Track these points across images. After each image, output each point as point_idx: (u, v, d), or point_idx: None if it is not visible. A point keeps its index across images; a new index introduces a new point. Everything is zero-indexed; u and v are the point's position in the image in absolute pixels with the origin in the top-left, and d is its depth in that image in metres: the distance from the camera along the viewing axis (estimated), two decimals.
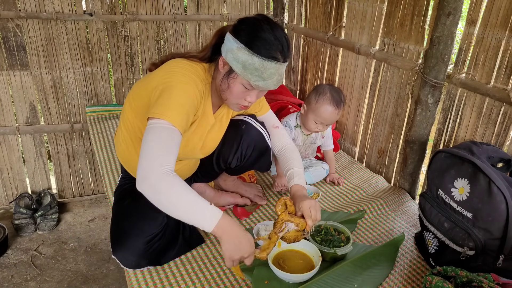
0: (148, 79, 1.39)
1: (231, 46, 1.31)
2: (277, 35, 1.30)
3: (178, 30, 2.74)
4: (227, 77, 1.35)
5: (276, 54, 1.29)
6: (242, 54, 1.28)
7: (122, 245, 1.39)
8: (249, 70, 1.28)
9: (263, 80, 1.30)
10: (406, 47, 1.93)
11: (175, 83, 1.29)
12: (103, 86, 2.69)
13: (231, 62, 1.30)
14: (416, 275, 1.48)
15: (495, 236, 1.28)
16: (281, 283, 1.36)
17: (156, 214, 1.44)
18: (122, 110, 1.55)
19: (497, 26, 1.54)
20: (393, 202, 1.90)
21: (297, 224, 1.33)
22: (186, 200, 1.17)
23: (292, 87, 2.96)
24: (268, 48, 1.28)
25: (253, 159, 1.65)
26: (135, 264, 1.40)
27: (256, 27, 1.30)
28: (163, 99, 1.25)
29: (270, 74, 1.30)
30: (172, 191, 1.16)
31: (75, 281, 2.18)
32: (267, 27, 1.30)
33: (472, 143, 1.47)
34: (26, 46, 2.42)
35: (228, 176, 1.80)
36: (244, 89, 1.35)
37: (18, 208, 2.51)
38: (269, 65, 1.28)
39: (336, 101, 1.89)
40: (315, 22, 2.56)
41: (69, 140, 2.70)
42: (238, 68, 1.30)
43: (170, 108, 1.23)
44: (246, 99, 1.38)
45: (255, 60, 1.27)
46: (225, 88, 1.36)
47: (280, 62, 1.31)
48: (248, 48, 1.27)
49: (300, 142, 2.05)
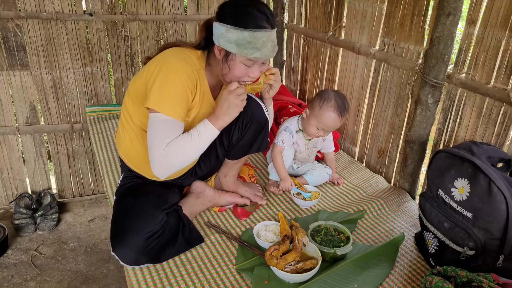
0: (145, 70, 1.47)
1: (220, 31, 1.40)
2: (258, 6, 1.39)
3: (178, 30, 2.74)
4: (225, 61, 1.43)
5: (263, 23, 1.38)
6: (232, 34, 1.37)
7: (122, 241, 1.40)
8: (243, 45, 1.37)
9: (259, 50, 1.38)
10: (406, 47, 1.93)
11: (168, 72, 1.39)
12: (103, 86, 2.69)
13: (225, 45, 1.39)
14: (416, 275, 1.48)
15: (495, 236, 1.28)
16: (281, 283, 1.36)
17: (157, 212, 1.46)
18: (122, 107, 1.61)
19: (497, 26, 1.54)
20: (393, 202, 1.90)
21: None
22: (189, 149, 1.42)
23: (292, 87, 2.96)
24: (253, 19, 1.37)
25: (252, 131, 1.63)
26: (134, 260, 1.40)
27: (237, 6, 1.39)
28: (158, 89, 1.38)
29: (263, 42, 1.38)
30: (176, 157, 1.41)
31: (75, 281, 2.18)
32: (246, 2, 1.39)
33: (472, 143, 1.47)
34: (26, 46, 2.42)
35: (228, 170, 1.78)
36: (245, 66, 1.43)
37: (18, 208, 2.51)
38: (259, 34, 1.37)
39: (340, 108, 1.86)
40: (315, 22, 2.56)
41: (69, 140, 2.70)
42: (233, 48, 1.38)
43: (165, 100, 1.37)
44: (249, 75, 1.47)
45: (245, 35, 1.36)
46: (227, 71, 1.45)
47: (268, 29, 1.39)
48: (235, 26, 1.36)
49: (302, 148, 2.02)
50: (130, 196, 1.54)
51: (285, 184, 1.90)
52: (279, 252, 1.36)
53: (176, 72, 1.40)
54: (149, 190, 1.59)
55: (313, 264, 1.37)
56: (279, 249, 1.37)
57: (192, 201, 1.69)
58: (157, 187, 1.62)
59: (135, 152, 1.59)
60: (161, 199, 1.55)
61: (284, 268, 1.34)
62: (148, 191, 1.58)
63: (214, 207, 1.78)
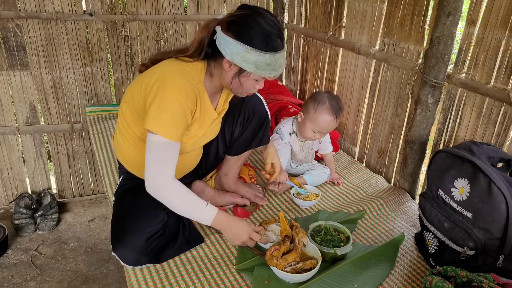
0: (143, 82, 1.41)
1: (236, 49, 1.34)
2: (271, 23, 1.36)
3: (178, 30, 2.74)
4: (237, 76, 1.42)
5: (278, 43, 1.38)
6: (251, 55, 1.34)
7: (122, 242, 1.40)
8: (261, 67, 1.37)
9: (276, 71, 1.40)
10: (406, 47, 1.93)
11: (166, 92, 1.34)
12: (103, 86, 2.69)
13: (241, 64, 1.37)
14: (416, 275, 1.48)
15: (495, 236, 1.28)
16: (281, 283, 1.36)
17: (157, 212, 1.46)
18: (119, 112, 1.57)
19: (497, 26, 1.54)
20: (393, 202, 1.90)
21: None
22: (186, 204, 1.42)
23: (292, 87, 2.96)
24: (271, 40, 1.36)
25: (253, 126, 1.67)
26: (135, 261, 1.40)
27: (253, 25, 1.35)
28: (156, 109, 1.34)
29: (281, 63, 1.40)
30: (172, 199, 1.40)
31: (75, 281, 2.18)
32: (261, 20, 1.35)
33: (472, 143, 1.47)
34: (26, 46, 2.42)
35: (229, 169, 1.78)
36: (256, 82, 1.46)
37: (18, 208, 2.51)
38: (277, 56, 1.37)
39: (335, 110, 1.86)
40: (315, 22, 2.56)
41: (69, 140, 2.70)
42: (251, 68, 1.37)
43: (163, 123, 1.34)
44: (256, 87, 1.48)
45: (266, 57, 1.35)
46: (237, 85, 1.45)
47: (283, 48, 1.40)
48: (255, 49, 1.34)
49: (297, 149, 2.03)
50: (130, 197, 1.54)
51: (281, 175, 1.86)
52: (279, 252, 1.36)
53: (175, 92, 1.35)
54: None
55: (313, 264, 1.37)
56: (280, 249, 1.37)
57: None
58: None
59: (134, 158, 1.57)
60: None
61: (284, 268, 1.34)
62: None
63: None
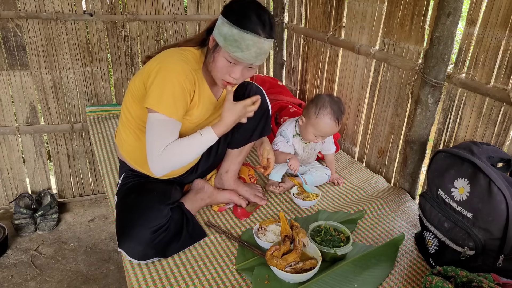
0: (144, 70, 1.48)
1: (219, 22, 1.43)
2: (260, 14, 1.40)
3: (178, 30, 2.74)
4: (213, 51, 1.45)
5: (255, 28, 1.37)
6: (224, 27, 1.39)
7: (129, 236, 1.41)
8: (229, 41, 1.37)
9: (241, 51, 1.38)
10: (406, 47, 1.93)
11: (166, 72, 1.40)
12: (103, 86, 2.69)
13: (216, 36, 1.42)
14: (416, 275, 1.48)
15: (495, 236, 1.28)
16: (281, 283, 1.36)
17: (162, 206, 1.49)
18: (122, 106, 1.62)
19: (497, 26, 1.54)
20: (393, 202, 1.90)
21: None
22: (190, 147, 1.46)
23: (292, 87, 2.96)
24: (248, 22, 1.37)
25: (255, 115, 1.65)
26: (142, 254, 1.41)
27: (242, 6, 1.41)
28: (156, 89, 1.40)
29: (248, 45, 1.37)
30: (174, 159, 1.44)
31: (75, 281, 2.18)
32: (252, 6, 1.40)
33: (472, 143, 1.47)
34: (26, 46, 2.42)
35: (230, 165, 1.78)
36: (227, 62, 1.42)
37: (18, 208, 2.51)
38: (246, 36, 1.36)
39: (336, 114, 1.85)
40: (315, 22, 2.56)
41: (69, 140, 2.70)
42: (221, 41, 1.40)
43: (163, 100, 1.39)
44: (231, 75, 1.45)
45: (234, 32, 1.37)
46: (211, 61, 1.46)
47: (258, 36, 1.38)
48: (229, 22, 1.38)
49: (300, 151, 2.02)
50: (134, 193, 1.57)
51: (294, 161, 1.88)
52: (279, 252, 1.36)
53: (174, 72, 1.41)
54: (152, 187, 1.61)
55: (313, 264, 1.37)
56: (280, 249, 1.37)
57: (192, 197, 1.72)
58: (160, 184, 1.64)
59: (138, 150, 1.60)
60: (165, 195, 1.58)
61: (284, 268, 1.34)
62: (151, 188, 1.61)
63: (214, 206, 1.78)
